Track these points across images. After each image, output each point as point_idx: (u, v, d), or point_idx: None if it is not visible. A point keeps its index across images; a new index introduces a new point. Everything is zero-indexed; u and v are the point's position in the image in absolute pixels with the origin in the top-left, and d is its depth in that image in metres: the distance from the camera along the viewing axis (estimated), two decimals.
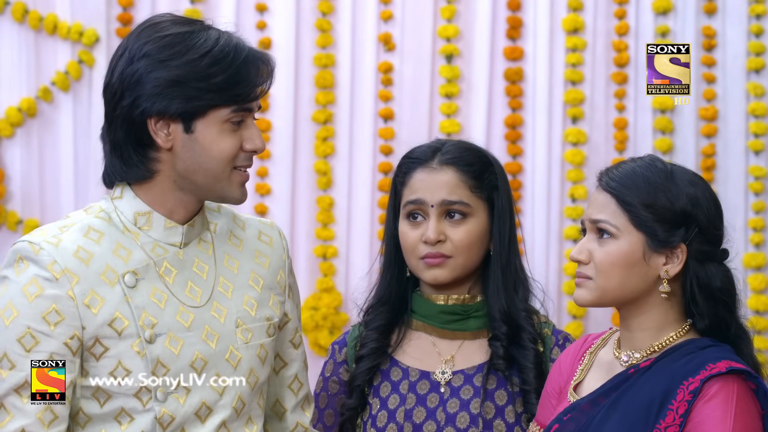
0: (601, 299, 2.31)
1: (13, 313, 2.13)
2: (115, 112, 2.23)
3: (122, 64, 2.22)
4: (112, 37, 5.24)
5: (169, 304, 2.25)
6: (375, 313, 2.72)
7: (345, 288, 5.29)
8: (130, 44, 2.23)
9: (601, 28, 5.36)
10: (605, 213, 2.29)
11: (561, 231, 5.30)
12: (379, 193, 5.28)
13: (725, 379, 2.18)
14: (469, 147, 2.71)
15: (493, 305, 2.66)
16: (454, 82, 5.34)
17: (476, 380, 2.63)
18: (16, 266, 2.17)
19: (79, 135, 5.20)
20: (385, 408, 2.64)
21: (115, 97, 2.22)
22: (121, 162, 2.26)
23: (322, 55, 5.31)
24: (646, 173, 2.29)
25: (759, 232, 5.29)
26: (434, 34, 5.36)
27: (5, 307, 2.14)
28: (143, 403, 2.20)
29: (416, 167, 2.67)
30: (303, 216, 5.32)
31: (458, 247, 2.63)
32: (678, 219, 2.26)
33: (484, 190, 2.66)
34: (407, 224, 2.66)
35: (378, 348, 2.68)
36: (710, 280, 2.26)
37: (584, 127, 5.33)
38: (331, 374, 2.73)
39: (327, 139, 5.30)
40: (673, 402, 2.18)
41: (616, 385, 2.28)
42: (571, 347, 2.49)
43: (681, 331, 2.29)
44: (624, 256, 2.26)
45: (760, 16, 5.29)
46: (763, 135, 5.29)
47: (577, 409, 2.31)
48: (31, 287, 2.14)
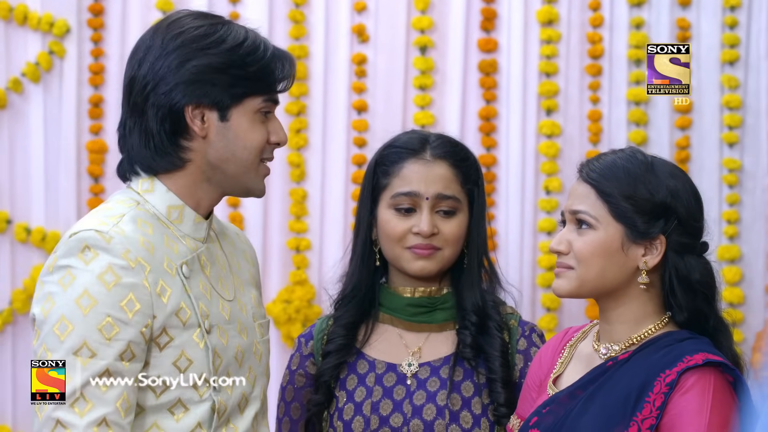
0: (580, 289, 2.32)
1: (92, 302, 2.12)
2: (148, 102, 2.26)
3: (153, 54, 2.26)
4: (83, 28, 5.22)
5: (213, 296, 2.29)
6: (344, 309, 2.73)
7: (318, 281, 5.28)
8: (157, 37, 2.28)
9: (576, 20, 5.37)
10: (585, 204, 2.31)
11: (535, 223, 5.31)
12: (353, 185, 5.27)
13: (702, 372, 2.19)
14: (457, 142, 2.75)
15: (466, 299, 2.69)
16: (428, 74, 5.34)
17: (443, 372, 2.64)
18: (80, 255, 2.15)
19: (49, 126, 5.18)
20: (351, 401, 2.65)
21: (147, 87, 2.25)
22: (153, 152, 2.27)
23: (295, 46, 5.30)
24: (627, 165, 2.30)
25: (733, 225, 5.31)
26: (408, 26, 5.36)
27: (80, 295, 2.13)
28: (200, 393, 2.23)
29: (407, 157, 2.68)
30: (276, 208, 5.31)
31: (448, 241, 2.66)
32: (657, 210, 2.28)
33: (469, 185, 2.70)
34: (393, 214, 2.67)
35: (345, 345, 2.70)
36: (689, 272, 2.28)
37: (559, 119, 5.34)
38: (297, 367, 2.74)
39: (300, 131, 5.30)
40: (650, 394, 2.20)
41: (594, 377, 2.30)
42: (551, 340, 2.51)
43: (660, 324, 2.31)
44: (602, 246, 2.28)
45: (735, 8, 5.31)
46: (737, 127, 5.31)
47: (556, 401, 2.32)
48: (108, 275, 2.14)
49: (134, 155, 2.29)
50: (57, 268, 2.16)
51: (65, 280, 2.15)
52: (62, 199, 5.18)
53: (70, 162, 5.18)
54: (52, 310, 2.13)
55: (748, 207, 5.34)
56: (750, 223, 5.33)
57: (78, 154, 5.20)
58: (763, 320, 5.22)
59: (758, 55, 5.31)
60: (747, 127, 5.33)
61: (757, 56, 5.31)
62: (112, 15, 5.24)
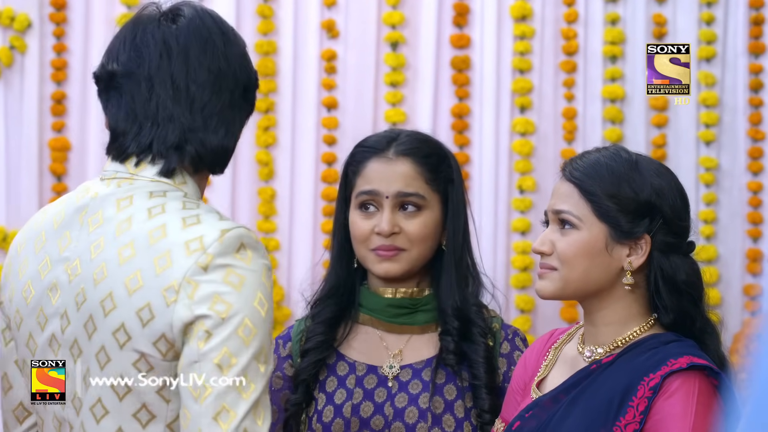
0: (564, 291, 2.30)
1: (265, 305, 2.03)
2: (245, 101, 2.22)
3: (217, 41, 2.19)
4: (45, 23, 5.17)
5: None
6: (322, 306, 2.71)
7: (287, 282, 5.26)
8: (201, 24, 2.20)
9: (550, 15, 5.37)
10: (568, 203, 2.29)
11: (509, 223, 5.30)
12: (323, 184, 5.25)
13: (686, 375, 2.18)
14: (426, 138, 2.72)
15: (445, 300, 2.66)
16: (400, 71, 5.32)
17: (425, 375, 2.63)
18: (238, 254, 2.04)
19: (10, 124, 5.14)
20: (331, 403, 2.63)
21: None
22: None
23: (263, 41, 5.27)
24: (611, 163, 2.29)
25: (710, 224, 5.32)
26: (379, 21, 5.34)
27: (256, 298, 2.03)
28: None
29: (370, 156, 2.66)
30: (244, 208, 5.28)
31: (412, 240, 2.63)
32: (642, 210, 2.26)
33: (440, 182, 2.67)
34: (359, 214, 2.66)
35: (324, 342, 2.68)
36: (675, 272, 2.27)
37: (532, 116, 5.34)
38: (274, 369, 2.71)
39: (269, 129, 5.27)
40: (633, 399, 2.19)
41: (578, 381, 2.29)
42: (536, 342, 2.49)
43: (645, 326, 2.29)
44: (586, 246, 2.27)
45: (711, 3, 5.32)
46: (713, 125, 5.32)
47: (539, 405, 2.31)
48: (267, 278, 2.06)
49: (203, 151, 2.16)
50: (215, 267, 2.03)
51: (232, 280, 2.03)
52: (24, 198, 5.14)
53: (31, 160, 5.14)
54: (231, 311, 2.01)
55: (725, 207, 5.35)
56: (727, 223, 5.34)
57: (40, 152, 5.16)
58: (740, 322, 5.22)
59: (735, 51, 5.32)
60: (724, 125, 5.35)
61: (734, 53, 5.33)
62: (75, 10, 5.19)
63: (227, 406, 1.97)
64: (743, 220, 5.31)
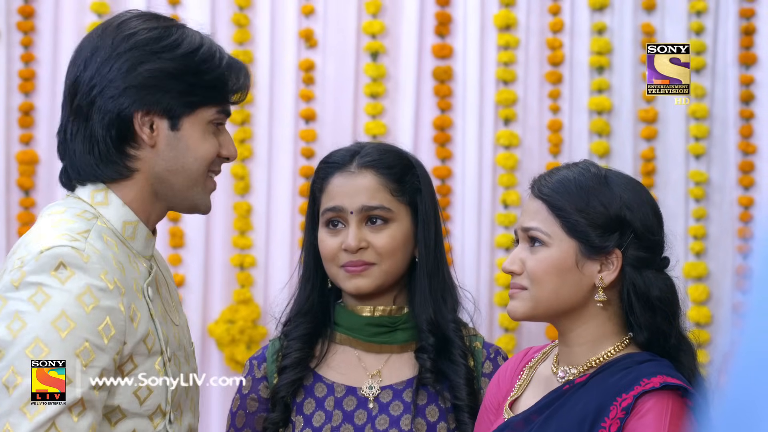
0: (535, 310, 2.32)
1: (70, 325, 2.06)
2: (94, 106, 2.22)
3: (101, 56, 2.22)
4: (12, 31, 5.17)
5: (167, 321, 2.28)
6: (295, 323, 2.71)
7: (264, 300, 5.25)
8: (106, 37, 2.24)
9: (535, 25, 5.38)
10: (536, 220, 2.31)
11: (492, 239, 5.31)
12: (300, 198, 5.26)
13: (659, 395, 2.20)
14: (389, 149, 2.73)
15: (419, 315, 2.66)
16: (380, 81, 5.33)
17: (406, 396, 2.63)
18: (55, 273, 2.08)
19: None
20: (309, 426, 2.63)
21: (93, 91, 2.22)
22: (97, 159, 2.24)
23: (239, 51, 5.28)
24: (579, 178, 2.31)
25: (700, 240, 5.32)
26: (359, 31, 5.35)
27: (57, 317, 2.06)
28: (154, 425, 2.19)
29: (334, 172, 2.67)
30: (219, 223, 5.28)
31: (381, 254, 2.63)
32: (612, 224, 2.28)
33: (407, 193, 2.67)
34: (326, 232, 2.66)
35: (302, 358, 2.67)
36: (648, 288, 2.28)
37: (517, 129, 5.35)
38: (249, 391, 2.71)
39: (244, 141, 5.28)
40: (606, 419, 2.20)
41: (550, 401, 2.30)
42: (511, 360, 2.50)
43: (620, 345, 2.31)
44: (555, 263, 2.28)
45: (701, 13, 5.34)
46: (704, 138, 5.33)
47: (510, 426, 2.33)
48: (87, 297, 2.08)
49: (77, 162, 2.25)
50: (26, 285, 2.08)
51: (38, 299, 2.07)
52: None
53: None
54: (23, 331, 2.05)
55: (716, 222, 5.35)
56: (717, 239, 5.34)
57: (7, 165, 5.15)
58: (731, 341, 5.23)
59: (725, 62, 5.33)
60: (714, 138, 5.35)
61: (724, 64, 5.33)
62: (43, 18, 5.19)
63: (10, 427, 2.02)
64: (734, 235, 5.31)
